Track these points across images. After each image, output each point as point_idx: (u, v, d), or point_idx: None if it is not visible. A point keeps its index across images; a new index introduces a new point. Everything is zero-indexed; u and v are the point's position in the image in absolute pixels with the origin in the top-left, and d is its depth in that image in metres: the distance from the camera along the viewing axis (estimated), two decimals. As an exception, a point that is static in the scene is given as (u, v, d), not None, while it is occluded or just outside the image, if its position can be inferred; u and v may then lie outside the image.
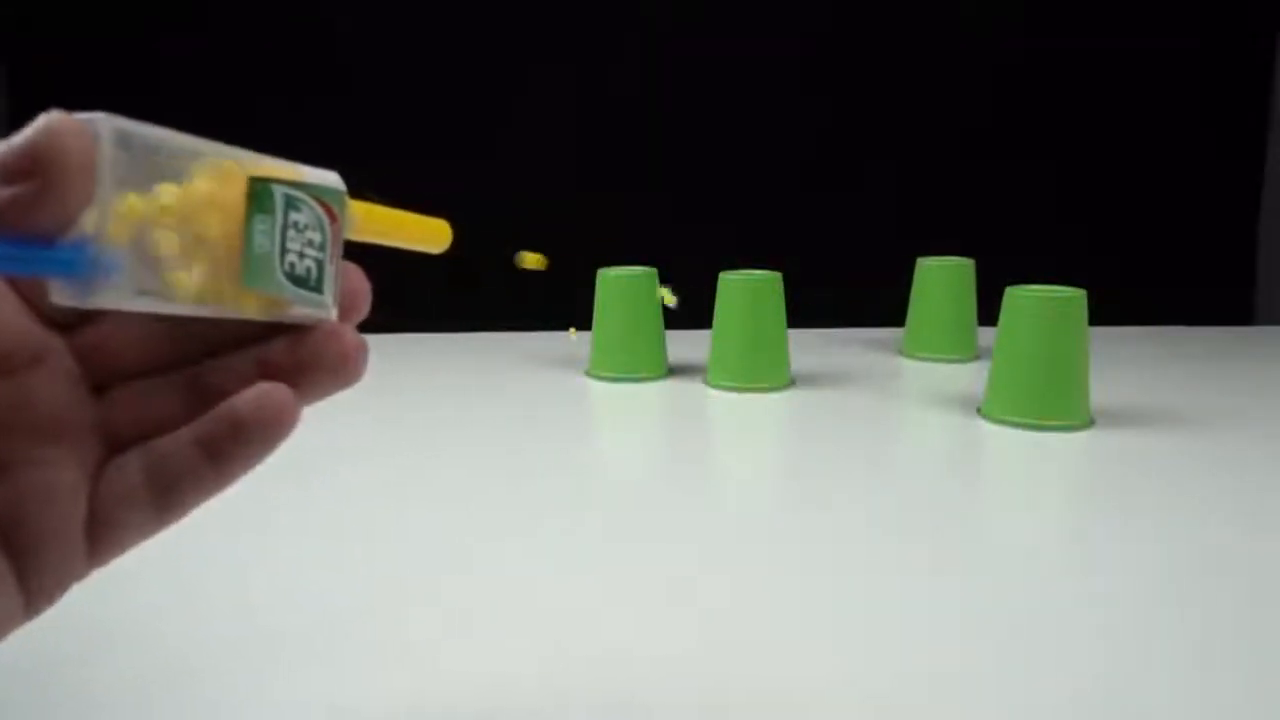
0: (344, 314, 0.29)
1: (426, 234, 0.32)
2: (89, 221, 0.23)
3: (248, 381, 0.27)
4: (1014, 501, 0.81)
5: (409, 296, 1.62)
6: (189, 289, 0.25)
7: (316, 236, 0.27)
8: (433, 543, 0.68)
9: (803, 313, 1.58)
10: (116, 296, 0.23)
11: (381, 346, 1.36)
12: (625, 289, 1.18)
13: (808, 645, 0.53)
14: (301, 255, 0.27)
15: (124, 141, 0.23)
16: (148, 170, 0.24)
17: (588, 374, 1.21)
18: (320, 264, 0.27)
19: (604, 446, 0.98)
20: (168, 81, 1.56)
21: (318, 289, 0.27)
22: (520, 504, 0.76)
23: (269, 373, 0.28)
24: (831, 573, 0.62)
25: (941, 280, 1.30)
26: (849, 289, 1.60)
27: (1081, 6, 1.66)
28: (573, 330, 1.38)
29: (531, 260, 0.35)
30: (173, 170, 0.24)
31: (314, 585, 0.61)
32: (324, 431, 0.97)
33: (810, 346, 1.39)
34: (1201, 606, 0.57)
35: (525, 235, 1.71)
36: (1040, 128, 1.69)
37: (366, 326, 0.30)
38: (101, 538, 0.27)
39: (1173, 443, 0.91)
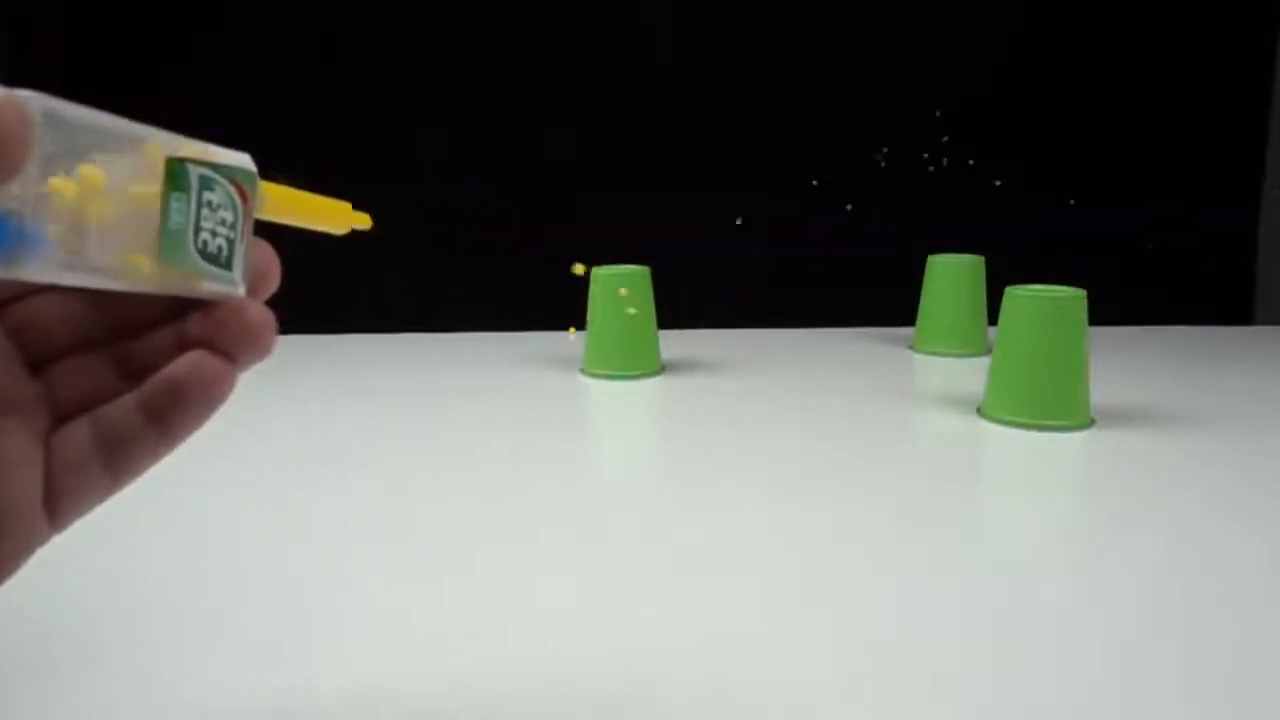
0: (255, 289, 0.30)
1: (332, 215, 0.33)
2: (13, 195, 0.23)
3: (171, 355, 0.29)
4: (1014, 501, 0.81)
5: (415, 299, 1.62)
6: (109, 264, 0.26)
7: (229, 216, 0.28)
8: (440, 541, 0.68)
9: (815, 311, 1.58)
10: (39, 269, 0.24)
11: (387, 346, 1.36)
12: (620, 287, 1.18)
13: (808, 645, 0.53)
14: (214, 233, 0.28)
15: (52, 120, 0.24)
16: (72, 148, 0.25)
17: (583, 372, 1.22)
18: (231, 242, 0.28)
19: (602, 445, 0.98)
20: (162, 80, 1.56)
21: (228, 266, 0.28)
22: (521, 505, 0.76)
23: (188, 346, 0.29)
24: (831, 572, 0.62)
25: (951, 276, 1.30)
26: (862, 287, 1.60)
27: (1084, 7, 1.66)
28: (572, 330, 1.38)
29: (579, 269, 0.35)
30: (95, 149, 0.25)
31: (316, 582, 0.61)
32: (329, 426, 0.97)
33: (818, 344, 1.39)
34: (1201, 606, 0.57)
35: (517, 234, 1.71)
36: (1042, 128, 1.69)
37: (385, 326, 0.30)
38: (59, 503, 0.28)
39: (1173, 443, 0.91)
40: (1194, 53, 1.68)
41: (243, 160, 0.29)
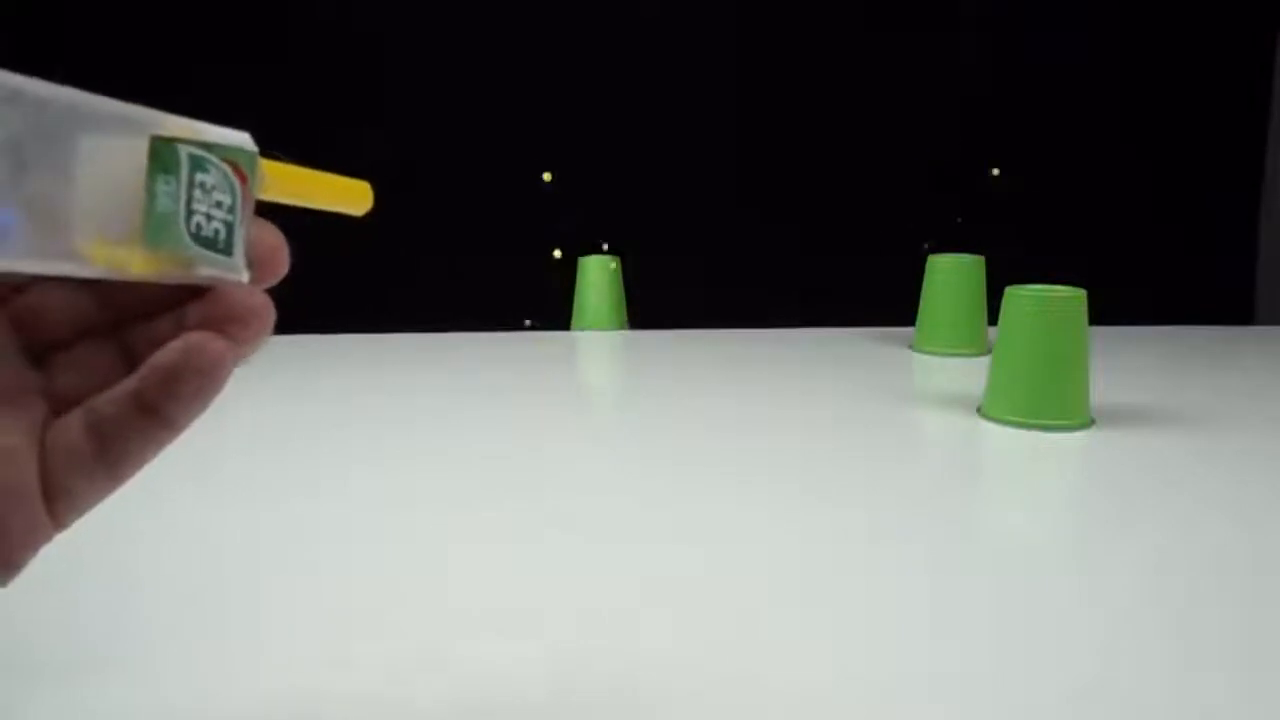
0: (261, 273, 0.28)
1: (345, 195, 0.31)
2: None
3: (169, 342, 0.27)
4: (1014, 501, 0.81)
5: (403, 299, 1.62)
6: (87, 251, 0.24)
7: (225, 198, 0.27)
8: (443, 542, 0.68)
9: (815, 311, 1.58)
10: (8, 259, 0.23)
11: (385, 346, 1.36)
12: (601, 268, 1.51)
13: (808, 645, 0.53)
14: (209, 217, 0.26)
15: (12, 98, 0.22)
16: (41, 127, 0.23)
17: (574, 329, 1.52)
18: (230, 226, 0.27)
19: (601, 445, 0.97)
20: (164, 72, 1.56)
21: (227, 251, 0.27)
22: (521, 507, 0.76)
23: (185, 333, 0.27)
24: (831, 572, 0.62)
25: (951, 276, 1.30)
26: (862, 287, 1.60)
27: (1083, 7, 1.66)
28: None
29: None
30: (79, 131, 0.24)
31: (322, 584, 0.61)
32: (333, 427, 0.97)
33: (818, 344, 1.39)
34: (1201, 606, 0.57)
35: (498, 230, 1.71)
36: (1042, 128, 1.69)
37: (383, 326, 0.30)
38: (57, 499, 0.27)
39: (1173, 443, 0.91)
40: (1194, 53, 1.68)
41: (240, 139, 0.27)
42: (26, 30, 1.56)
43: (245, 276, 0.27)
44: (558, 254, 1.13)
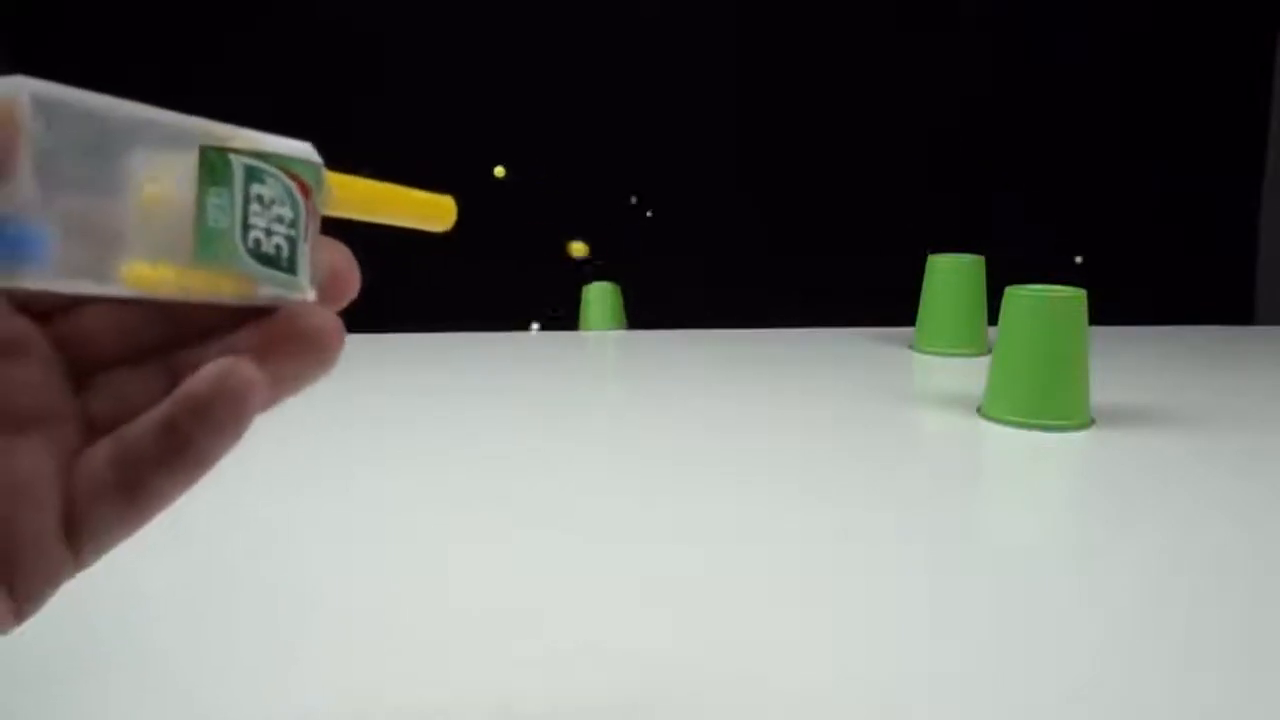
0: (329, 295, 0.26)
1: (424, 210, 0.28)
2: (7, 196, 0.20)
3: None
4: (1014, 501, 0.81)
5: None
6: (131, 270, 0.22)
7: (286, 212, 0.24)
8: (446, 543, 0.68)
9: (815, 311, 1.58)
10: (42, 278, 0.21)
11: (390, 347, 1.35)
12: (608, 291, 1.64)
13: (808, 645, 0.53)
14: (269, 232, 0.24)
15: (44, 108, 0.21)
16: (80, 140, 0.22)
17: (581, 329, 1.62)
18: (292, 241, 0.25)
19: (601, 445, 0.98)
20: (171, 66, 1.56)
21: (290, 269, 0.25)
22: (524, 508, 0.76)
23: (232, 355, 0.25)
24: (831, 572, 0.62)
25: (951, 276, 1.30)
26: (862, 287, 1.60)
27: (1083, 7, 1.66)
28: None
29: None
30: (110, 140, 0.22)
31: (326, 584, 0.61)
32: (336, 428, 0.97)
33: (818, 344, 1.39)
34: (1201, 606, 0.57)
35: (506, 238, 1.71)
36: (1043, 128, 1.69)
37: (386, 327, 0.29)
38: (79, 534, 0.25)
39: (1172, 443, 0.91)
40: (1194, 53, 1.68)
41: (302, 150, 0.25)
42: (27, 30, 1.56)
43: (311, 295, 0.25)
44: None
